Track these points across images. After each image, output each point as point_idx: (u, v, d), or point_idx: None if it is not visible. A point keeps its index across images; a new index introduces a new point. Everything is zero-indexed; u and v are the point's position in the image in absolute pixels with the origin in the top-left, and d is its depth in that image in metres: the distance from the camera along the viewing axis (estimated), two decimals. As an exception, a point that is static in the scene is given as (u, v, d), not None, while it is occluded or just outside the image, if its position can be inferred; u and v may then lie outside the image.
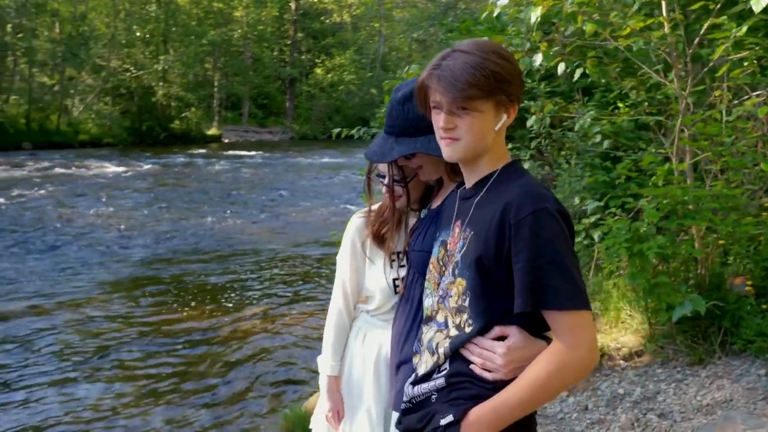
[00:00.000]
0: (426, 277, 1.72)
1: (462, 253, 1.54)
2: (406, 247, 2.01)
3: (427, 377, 1.60)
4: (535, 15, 3.56)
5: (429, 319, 1.65)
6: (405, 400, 1.66)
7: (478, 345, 1.51)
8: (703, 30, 3.72)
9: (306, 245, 10.34)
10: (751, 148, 4.19)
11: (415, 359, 1.69)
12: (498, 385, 1.48)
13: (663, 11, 3.92)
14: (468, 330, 1.52)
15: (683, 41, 4.02)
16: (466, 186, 1.64)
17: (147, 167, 20.05)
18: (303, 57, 41.79)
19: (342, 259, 2.14)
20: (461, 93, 1.46)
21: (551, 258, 1.40)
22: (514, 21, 3.96)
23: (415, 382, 1.64)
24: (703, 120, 3.93)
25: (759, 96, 3.98)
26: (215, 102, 36.37)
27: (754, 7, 2.95)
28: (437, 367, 1.58)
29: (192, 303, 7.07)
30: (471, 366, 1.52)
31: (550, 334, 1.48)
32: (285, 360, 5.58)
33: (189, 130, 32.66)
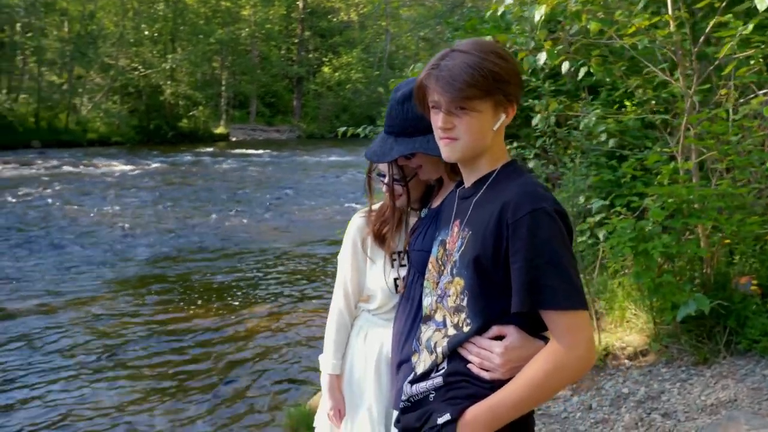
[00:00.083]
0: (425, 277, 1.72)
1: (460, 253, 1.54)
2: (406, 247, 2.01)
3: (425, 376, 1.60)
4: (540, 13, 3.55)
5: (428, 319, 1.66)
6: (403, 398, 1.66)
7: (475, 344, 1.51)
8: (709, 28, 3.71)
9: (312, 244, 10.34)
10: (758, 146, 4.17)
11: (414, 358, 1.69)
12: (495, 385, 1.48)
13: (668, 9, 3.90)
14: (466, 329, 1.52)
15: (689, 39, 4.01)
16: (465, 185, 1.64)
17: (154, 166, 20.10)
18: (310, 55, 41.80)
19: (343, 259, 2.14)
20: (459, 93, 1.46)
21: (549, 258, 1.40)
22: (518, 19, 3.95)
23: (414, 380, 1.64)
24: (709, 118, 3.91)
25: (765, 94, 3.96)
26: (223, 101, 36.44)
27: (759, 6, 2.93)
28: (435, 366, 1.58)
29: (198, 301, 7.09)
30: (469, 365, 1.52)
31: (547, 333, 1.48)
32: (290, 358, 5.60)
33: (197, 128, 32.71)
